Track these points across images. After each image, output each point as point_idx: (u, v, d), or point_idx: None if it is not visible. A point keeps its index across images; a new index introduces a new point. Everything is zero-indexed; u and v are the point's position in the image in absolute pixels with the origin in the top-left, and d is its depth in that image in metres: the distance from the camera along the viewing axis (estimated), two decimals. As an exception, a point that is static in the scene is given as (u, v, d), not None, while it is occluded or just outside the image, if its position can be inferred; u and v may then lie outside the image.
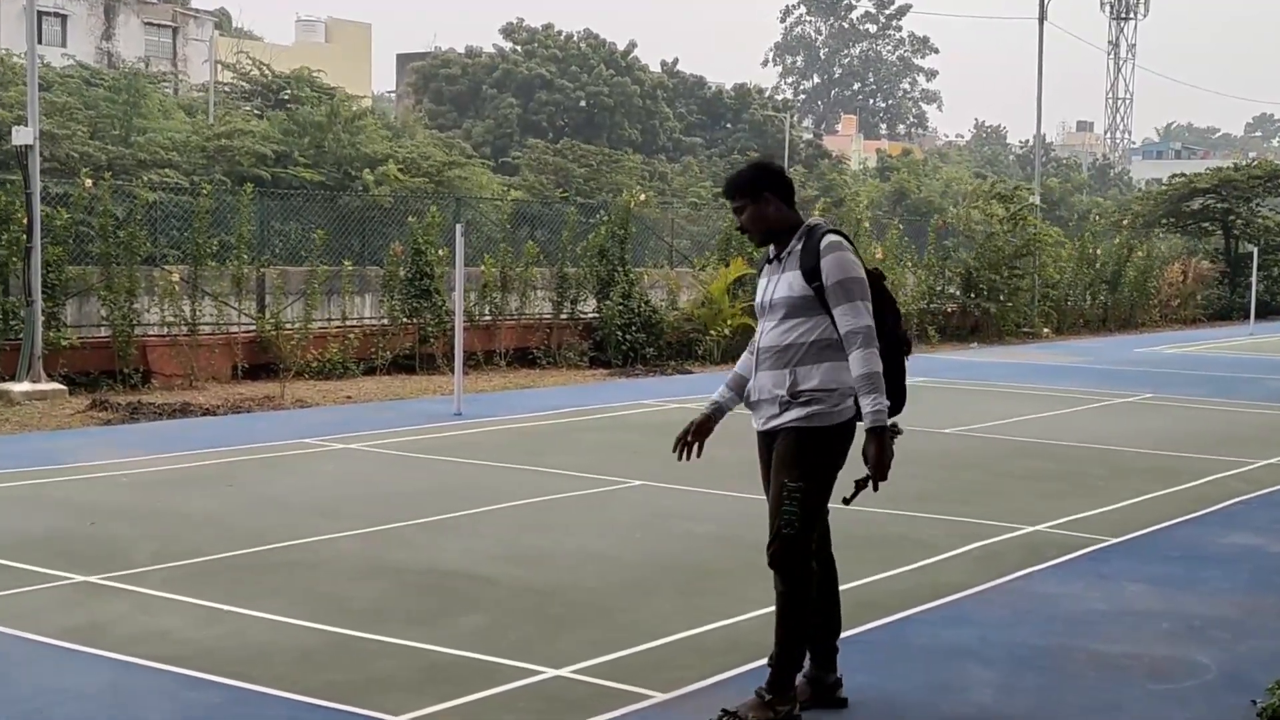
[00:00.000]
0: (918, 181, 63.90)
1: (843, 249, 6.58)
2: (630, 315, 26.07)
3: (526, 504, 12.14)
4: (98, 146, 31.21)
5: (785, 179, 6.81)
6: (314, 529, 10.59)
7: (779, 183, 6.77)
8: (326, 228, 24.77)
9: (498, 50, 75.30)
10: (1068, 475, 14.20)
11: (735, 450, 15.70)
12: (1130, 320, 41.53)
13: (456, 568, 9.59)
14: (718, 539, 10.80)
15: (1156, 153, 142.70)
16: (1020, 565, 10.01)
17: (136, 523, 11.09)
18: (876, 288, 6.73)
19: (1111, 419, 19.17)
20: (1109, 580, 9.69)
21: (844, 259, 6.55)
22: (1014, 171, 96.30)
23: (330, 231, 25.05)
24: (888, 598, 9.00)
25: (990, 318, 35.01)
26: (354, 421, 17.38)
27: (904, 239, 34.12)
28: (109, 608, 8.52)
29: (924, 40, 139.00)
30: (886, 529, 11.19)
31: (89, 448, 14.96)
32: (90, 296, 21.01)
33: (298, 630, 8.05)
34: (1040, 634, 8.28)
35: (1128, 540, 11.03)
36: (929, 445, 15.96)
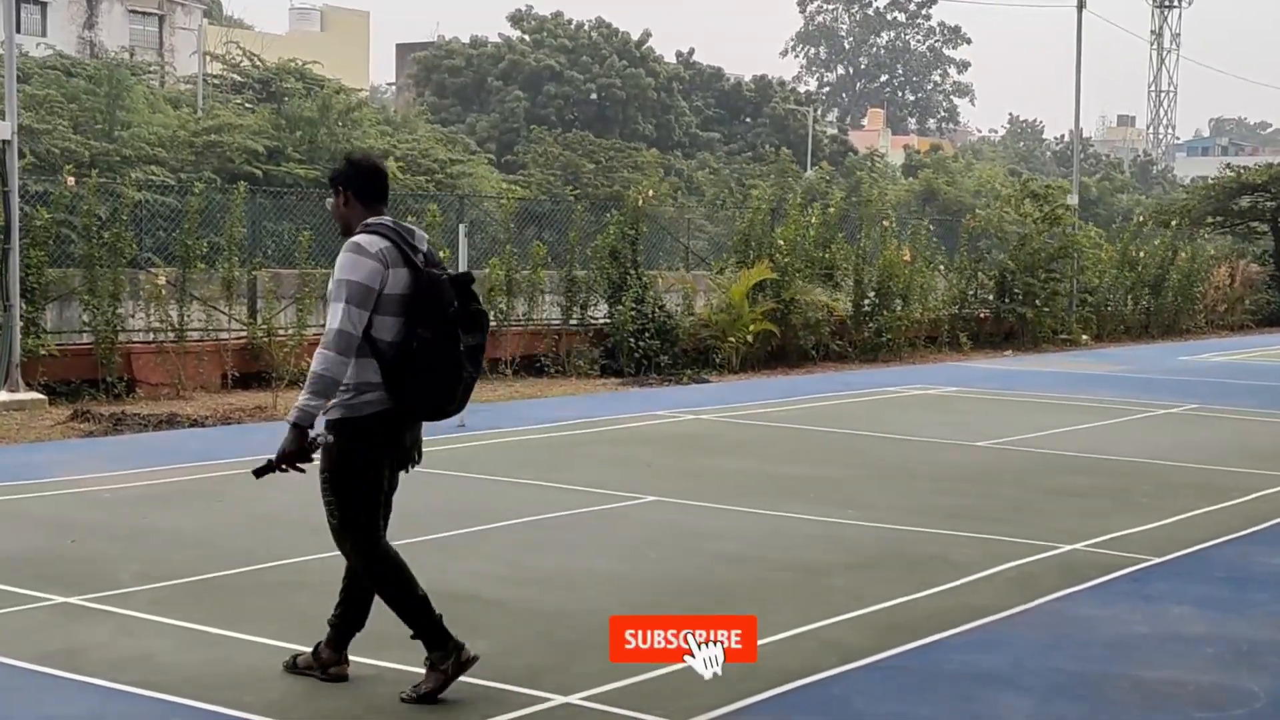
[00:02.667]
0: (949, 179, 63.77)
1: (355, 249, 7.19)
2: (644, 321, 26.02)
3: (533, 521, 12.14)
4: (80, 141, 31.27)
5: (362, 178, 7.48)
6: (307, 548, 10.56)
7: (354, 180, 7.46)
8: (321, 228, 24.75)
9: (503, 39, 75.37)
10: (1108, 491, 14.18)
11: (753, 463, 15.73)
12: (1174, 326, 41.44)
13: (459, 589, 9.58)
14: (736, 558, 10.79)
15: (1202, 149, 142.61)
16: (1057, 586, 10.00)
17: (120, 541, 11.10)
18: (461, 293, 7.35)
19: (1154, 431, 19.14)
20: (1152, 602, 9.67)
21: (346, 259, 7.17)
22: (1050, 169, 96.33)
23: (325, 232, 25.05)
24: (917, 620, 8.99)
25: (1026, 324, 34.92)
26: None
27: (933, 240, 34.06)
28: (90, 631, 8.53)
29: (955, 30, 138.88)
30: (916, 548, 11.18)
31: (70, 461, 14.97)
32: (71, 301, 21.00)
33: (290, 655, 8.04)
34: (1078, 659, 8.27)
35: (1172, 560, 11.02)
36: (961, 459, 15.95)
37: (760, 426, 18.97)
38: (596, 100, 70.87)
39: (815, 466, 15.44)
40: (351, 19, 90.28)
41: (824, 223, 29.91)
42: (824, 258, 29.50)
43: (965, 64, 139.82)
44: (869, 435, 18.06)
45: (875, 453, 16.63)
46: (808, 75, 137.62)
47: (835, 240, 30.12)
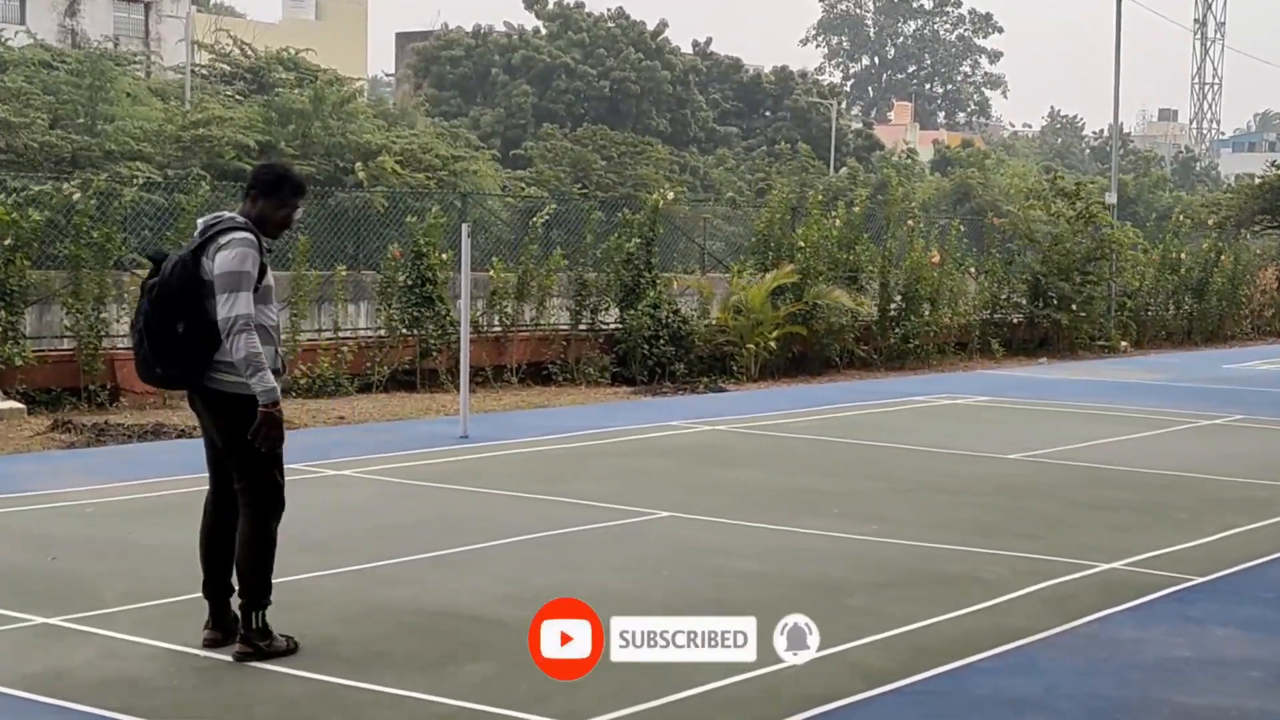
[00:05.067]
0: (983, 176, 63.61)
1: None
2: (657, 326, 25.96)
3: (540, 538, 12.14)
4: (60, 136, 31.33)
5: (260, 181, 8.83)
6: (301, 565, 10.57)
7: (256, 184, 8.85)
8: (316, 227, 24.78)
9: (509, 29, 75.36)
10: (1148, 506, 14.17)
11: (772, 476, 15.72)
12: (1218, 332, 41.39)
13: (461, 609, 9.59)
14: (755, 576, 10.78)
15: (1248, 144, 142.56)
16: (1094, 607, 9.99)
17: (103, 558, 11.12)
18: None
19: (1197, 443, 19.13)
20: (1194, 624, 9.67)
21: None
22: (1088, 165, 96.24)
23: (320, 232, 25.08)
24: (947, 643, 8.99)
25: (1060, 329, 34.88)
26: (347, 445, 17.39)
27: (963, 241, 34.02)
28: (73, 653, 8.54)
29: (986, 18, 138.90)
30: (945, 566, 11.18)
31: (50, 474, 14.98)
32: (52, 304, 20.97)
33: (281, 678, 8.06)
34: (1117, 684, 8.27)
35: (1215, 579, 11.00)
36: (992, 471, 15.94)
37: (780, 438, 18.97)
38: (609, 94, 70.78)
39: (838, 480, 15.44)
40: (348, 6, 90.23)
41: (848, 223, 29.83)
42: (848, 259, 29.44)
43: (997, 54, 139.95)
44: (895, 447, 18.06)
45: (901, 465, 16.63)
46: (830, 66, 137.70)
47: (860, 241, 30.04)
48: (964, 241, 34.01)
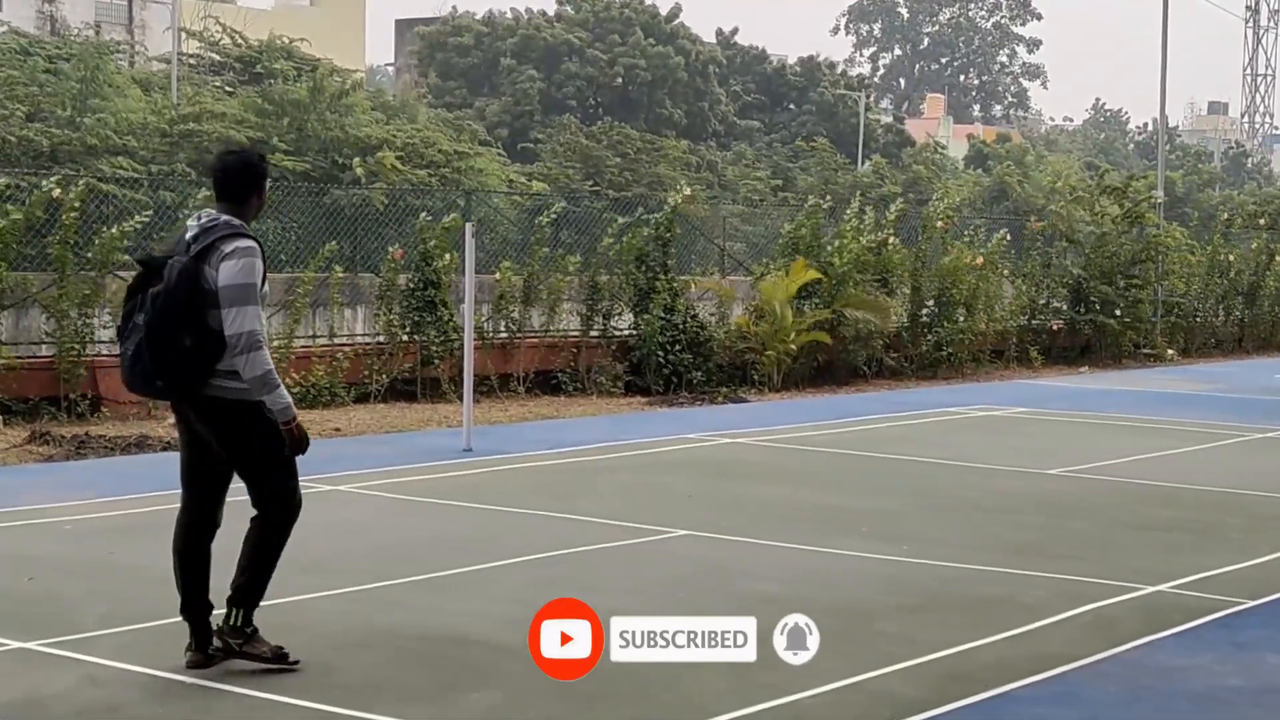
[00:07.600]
0: (1023, 173, 63.40)
1: None
2: (674, 332, 25.89)
3: (548, 558, 12.14)
4: (39, 130, 31.33)
5: (255, 177, 8.91)
6: (294, 587, 10.56)
7: (250, 183, 8.91)
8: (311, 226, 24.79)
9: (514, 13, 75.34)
10: (1196, 525, 14.16)
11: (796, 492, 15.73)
12: (1271, 340, 41.31)
13: (464, 634, 9.59)
14: (778, 599, 10.75)
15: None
16: (1139, 632, 9.99)
17: (83, 578, 11.13)
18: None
19: (1249, 458, 19.11)
20: (1245, 651, 9.65)
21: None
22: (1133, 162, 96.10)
23: (314, 231, 25.09)
24: (982, 670, 8.99)
25: (1103, 336, 34.82)
26: (343, 458, 17.38)
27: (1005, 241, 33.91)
28: (51, 680, 8.55)
29: (1024, 4, 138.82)
30: (981, 589, 11.17)
31: (26, 488, 15.00)
32: (29, 308, 20.97)
33: (274, 707, 8.07)
34: (1162, 714, 8.26)
35: (1268, 603, 11.00)
36: (1030, 488, 15.93)
37: (804, 451, 18.97)
38: (621, 83, 70.66)
39: (866, 497, 15.44)
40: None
41: (879, 225, 29.67)
42: (877, 261, 29.30)
43: (1036, 43, 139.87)
44: (926, 461, 18.04)
45: (933, 481, 16.62)
46: (861, 57, 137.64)
47: (889, 243, 29.90)
48: (1006, 241, 33.83)
